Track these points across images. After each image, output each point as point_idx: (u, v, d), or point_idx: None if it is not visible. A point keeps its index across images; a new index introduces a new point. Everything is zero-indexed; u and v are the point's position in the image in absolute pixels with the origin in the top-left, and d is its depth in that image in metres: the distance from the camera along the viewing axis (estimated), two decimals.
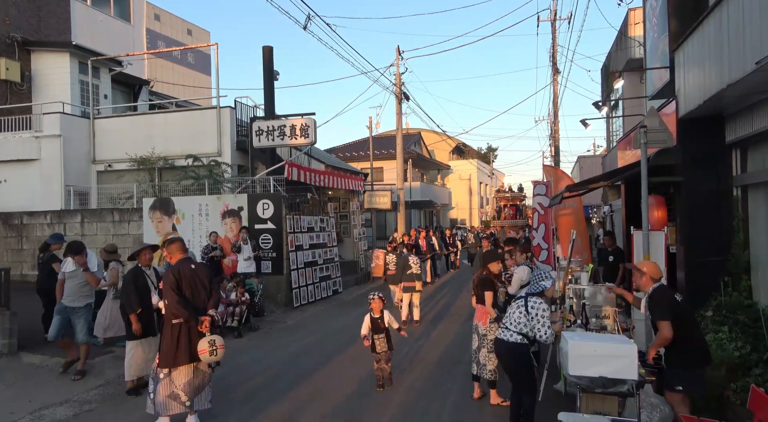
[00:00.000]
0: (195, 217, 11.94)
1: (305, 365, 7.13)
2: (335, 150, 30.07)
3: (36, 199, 13.92)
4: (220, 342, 4.81)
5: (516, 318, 4.75)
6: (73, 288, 6.50)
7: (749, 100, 5.57)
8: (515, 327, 4.73)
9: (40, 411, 5.50)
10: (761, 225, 5.97)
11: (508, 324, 4.79)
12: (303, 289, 12.00)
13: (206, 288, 4.97)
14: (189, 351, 4.75)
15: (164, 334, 4.84)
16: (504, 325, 4.83)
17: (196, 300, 4.88)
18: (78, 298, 6.53)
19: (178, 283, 4.79)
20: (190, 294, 4.85)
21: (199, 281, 4.93)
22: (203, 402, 4.93)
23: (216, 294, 5.10)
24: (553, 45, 21.58)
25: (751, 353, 4.92)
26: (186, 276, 4.86)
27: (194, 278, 4.91)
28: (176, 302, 4.72)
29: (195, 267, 5.02)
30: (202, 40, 27.26)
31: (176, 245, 5.09)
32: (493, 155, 54.27)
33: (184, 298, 4.78)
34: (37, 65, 15.91)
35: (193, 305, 4.83)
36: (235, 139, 14.21)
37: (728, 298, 5.94)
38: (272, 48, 13.58)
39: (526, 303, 4.75)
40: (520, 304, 4.79)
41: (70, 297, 6.49)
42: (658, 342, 4.35)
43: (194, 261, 5.20)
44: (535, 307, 4.67)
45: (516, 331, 4.71)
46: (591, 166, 19.30)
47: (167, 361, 4.75)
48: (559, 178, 12.50)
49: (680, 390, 4.30)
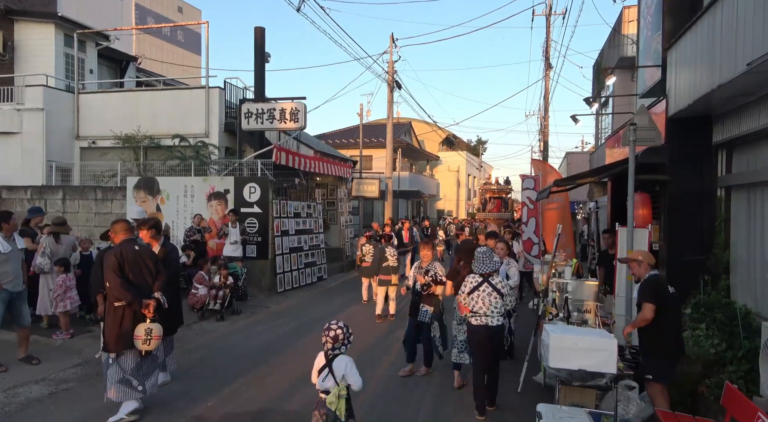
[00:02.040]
0: (180, 198, 11.79)
1: (287, 350, 7.12)
2: (325, 136, 29.84)
3: (16, 173, 13.59)
4: (156, 331, 4.69)
5: (492, 302, 4.96)
6: (17, 269, 6.00)
7: (738, 102, 5.62)
8: (497, 311, 4.97)
9: (14, 389, 5.42)
10: (742, 226, 6.06)
11: (488, 311, 4.95)
12: (287, 275, 11.96)
13: (151, 270, 4.83)
14: (133, 335, 4.65)
15: (107, 318, 4.68)
16: (482, 314, 4.96)
17: (139, 282, 4.75)
18: (21, 281, 6.06)
19: (120, 265, 4.65)
20: (133, 277, 4.71)
21: (143, 263, 4.80)
22: (154, 386, 4.83)
23: (162, 277, 4.91)
24: (547, 40, 21.56)
25: (727, 350, 5.01)
26: (129, 258, 4.72)
27: (138, 260, 4.78)
28: (119, 285, 4.58)
29: (139, 248, 4.86)
30: (193, 17, 26.75)
31: (121, 225, 4.96)
32: (483, 148, 54.43)
33: (127, 280, 4.65)
34: (21, 36, 15.45)
35: (138, 288, 4.70)
36: (223, 120, 14.01)
37: (707, 297, 6.04)
38: (264, 29, 13.35)
39: (491, 285, 4.99)
40: (487, 289, 4.99)
41: (16, 280, 5.96)
42: (637, 320, 4.53)
43: (139, 243, 4.99)
44: (500, 284, 5.04)
45: (498, 314, 4.98)
46: (579, 163, 19.45)
47: (111, 346, 4.62)
48: (547, 172, 12.56)
49: (649, 378, 4.43)
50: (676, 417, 4.14)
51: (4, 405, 5.01)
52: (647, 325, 4.42)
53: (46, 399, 5.18)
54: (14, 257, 5.98)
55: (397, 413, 5.12)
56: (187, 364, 6.29)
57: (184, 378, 5.82)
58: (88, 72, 16.13)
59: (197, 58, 27.10)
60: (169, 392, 5.41)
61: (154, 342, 4.71)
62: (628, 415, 4.45)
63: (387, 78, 18.76)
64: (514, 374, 5.80)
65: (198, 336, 7.78)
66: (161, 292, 4.83)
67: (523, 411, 5.01)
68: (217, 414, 4.92)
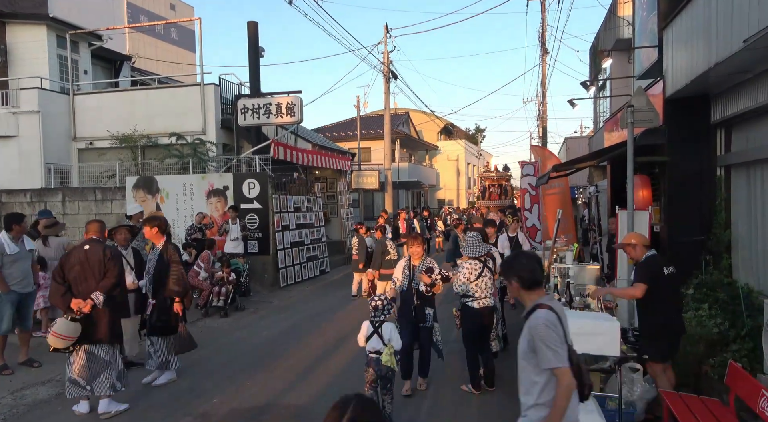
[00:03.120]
0: (179, 197, 11.78)
1: (293, 344, 7.15)
2: (323, 129, 29.76)
3: (15, 176, 13.58)
4: (56, 329, 4.56)
5: (488, 283, 5.22)
6: (26, 270, 6.04)
7: (735, 79, 5.57)
8: (492, 291, 5.24)
9: (21, 391, 5.45)
10: (743, 205, 6.03)
11: (488, 293, 5.19)
12: (290, 269, 11.97)
13: (95, 273, 4.72)
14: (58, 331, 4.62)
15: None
16: (482, 297, 5.17)
17: (80, 285, 4.70)
18: (30, 282, 6.11)
19: (62, 269, 4.73)
20: (73, 278, 4.70)
21: (88, 266, 4.72)
22: (103, 388, 4.72)
23: (110, 279, 4.76)
24: (543, 24, 21.41)
25: (729, 329, 5.02)
26: (71, 262, 4.73)
27: (84, 262, 4.72)
28: (53, 291, 4.74)
29: (88, 248, 4.78)
30: (186, 14, 26.56)
31: (92, 225, 5.02)
32: (481, 136, 54.21)
33: (65, 286, 4.67)
34: (13, 38, 15.36)
35: (79, 290, 4.68)
36: (219, 117, 13.96)
37: (709, 277, 6.03)
38: (257, 23, 13.27)
39: (489, 269, 5.22)
40: (487, 274, 5.21)
41: (25, 281, 6.00)
42: (625, 292, 4.75)
43: (94, 243, 4.85)
44: (495, 266, 5.26)
45: (491, 295, 5.23)
46: (578, 147, 19.37)
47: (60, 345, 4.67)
48: (546, 157, 12.53)
49: (646, 358, 4.46)
50: (680, 397, 4.15)
51: (12, 407, 5.04)
52: (644, 306, 4.44)
53: (53, 400, 5.21)
54: (23, 258, 6.02)
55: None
56: (193, 361, 6.31)
57: (190, 375, 5.85)
58: (83, 73, 16.05)
59: (192, 55, 26.93)
60: (174, 389, 5.44)
61: (50, 337, 4.56)
62: (633, 397, 4.46)
63: (383, 69, 18.66)
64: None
65: (202, 333, 7.80)
66: (102, 293, 4.68)
67: None
68: (224, 410, 4.95)
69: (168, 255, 5.40)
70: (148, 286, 5.56)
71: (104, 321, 4.73)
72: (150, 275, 5.51)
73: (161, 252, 5.46)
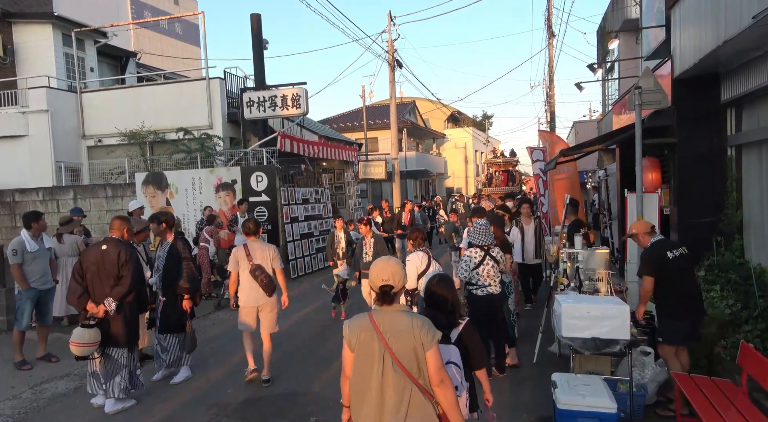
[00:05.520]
0: (189, 191, 11.87)
1: (304, 334, 7.22)
2: (329, 121, 29.72)
3: (26, 175, 13.76)
4: (73, 338, 4.54)
5: (494, 273, 5.19)
6: (45, 267, 6.15)
7: (745, 57, 5.47)
8: (498, 279, 5.23)
9: (41, 385, 5.57)
10: (754, 185, 5.95)
11: (492, 281, 5.17)
12: (299, 261, 12.05)
13: (109, 276, 4.67)
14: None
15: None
16: (486, 285, 5.15)
17: (95, 287, 4.69)
18: (49, 278, 6.23)
19: (81, 266, 4.72)
20: (90, 279, 4.68)
21: (103, 268, 4.68)
22: (115, 390, 4.75)
23: (123, 287, 4.69)
24: (549, 7, 21.12)
25: (742, 310, 4.98)
26: (89, 261, 4.70)
27: (99, 264, 4.68)
28: (71, 290, 4.74)
29: (105, 249, 4.72)
30: (190, 9, 26.49)
31: (114, 222, 4.94)
32: (489, 122, 53.79)
33: (82, 286, 4.67)
34: (19, 38, 15.48)
35: (94, 292, 4.68)
36: (225, 110, 13.99)
37: (720, 258, 5.98)
38: (260, 15, 13.24)
39: (492, 257, 5.19)
40: (489, 262, 5.17)
41: (44, 278, 6.12)
42: (641, 297, 4.57)
43: (111, 244, 4.77)
44: (498, 254, 5.28)
45: (499, 282, 5.23)
46: (587, 131, 19.14)
47: None
48: (554, 142, 12.41)
49: (659, 340, 4.43)
50: (692, 378, 4.14)
51: (32, 401, 5.16)
52: (657, 292, 4.41)
53: (72, 394, 5.32)
54: (42, 256, 6.15)
55: None
56: (206, 354, 6.40)
57: (204, 367, 5.93)
58: (89, 70, 16.15)
59: (197, 49, 26.89)
60: (188, 380, 5.52)
61: (81, 348, 4.53)
62: (644, 380, 4.46)
63: (387, 58, 18.55)
64: (530, 346, 5.83)
65: (215, 325, 7.91)
66: (115, 300, 4.66)
67: (538, 381, 5.04)
68: (237, 400, 5.02)
69: (178, 251, 5.38)
70: (158, 283, 5.51)
71: (120, 324, 4.74)
72: (160, 272, 5.46)
73: (172, 247, 5.42)
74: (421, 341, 2.39)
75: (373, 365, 2.44)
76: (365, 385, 2.46)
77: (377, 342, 2.43)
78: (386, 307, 2.51)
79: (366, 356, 2.46)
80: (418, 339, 2.40)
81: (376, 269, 2.53)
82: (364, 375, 2.47)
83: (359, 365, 2.49)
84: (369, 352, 2.45)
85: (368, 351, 2.46)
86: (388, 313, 2.49)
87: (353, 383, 2.53)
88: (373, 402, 2.44)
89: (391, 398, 2.42)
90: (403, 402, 2.41)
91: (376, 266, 2.54)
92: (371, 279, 2.57)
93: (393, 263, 2.56)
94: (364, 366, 2.47)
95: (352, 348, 2.51)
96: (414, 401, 2.42)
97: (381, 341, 2.43)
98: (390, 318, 2.47)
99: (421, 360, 2.41)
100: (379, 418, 2.43)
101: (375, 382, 2.43)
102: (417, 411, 2.41)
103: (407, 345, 2.40)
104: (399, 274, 2.53)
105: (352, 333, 2.52)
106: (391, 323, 2.45)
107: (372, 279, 2.55)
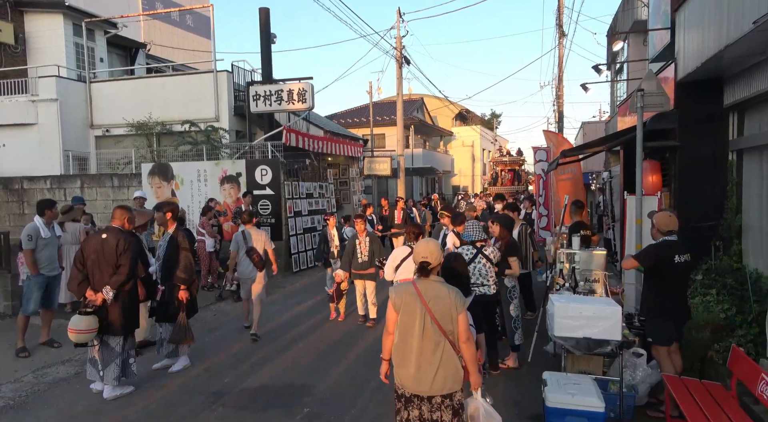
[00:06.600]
0: (194, 183, 11.96)
1: (303, 328, 7.29)
2: (336, 116, 29.74)
3: (35, 163, 13.92)
4: (70, 325, 4.63)
5: (487, 272, 5.13)
6: (54, 254, 6.29)
7: (748, 62, 5.46)
8: (492, 279, 5.17)
9: (42, 369, 5.68)
10: (755, 190, 5.95)
11: (484, 281, 5.12)
12: (302, 255, 12.12)
13: (108, 265, 4.73)
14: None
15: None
16: (479, 284, 5.10)
17: (95, 275, 4.75)
18: (56, 265, 6.34)
19: (82, 254, 4.80)
20: (90, 267, 4.75)
21: (102, 256, 4.74)
22: (110, 377, 4.81)
23: (121, 276, 4.74)
24: (560, 6, 21.00)
25: (736, 315, 5.00)
26: (89, 249, 4.77)
27: (99, 252, 4.74)
28: (72, 276, 4.82)
29: (105, 238, 4.78)
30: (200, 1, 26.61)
31: (116, 211, 5.01)
32: (497, 121, 53.57)
33: (83, 273, 4.75)
34: (31, 27, 15.63)
35: (94, 280, 4.75)
36: (232, 104, 14.06)
37: (718, 262, 5.99)
38: (269, 9, 13.27)
39: (485, 256, 5.15)
40: (481, 260, 5.13)
41: (51, 265, 6.23)
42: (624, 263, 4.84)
43: (111, 233, 4.83)
44: (492, 254, 5.21)
45: (493, 283, 5.17)
46: (595, 132, 19.04)
47: None
48: (559, 143, 12.39)
49: (649, 341, 4.51)
50: (683, 381, 4.17)
51: (33, 385, 5.27)
52: (646, 290, 4.45)
53: (72, 379, 5.43)
54: (52, 243, 6.28)
55: None
56: (207, 344, 6.50)
57: (203, 357, 6.02)
58: (99, 61, 16.28)
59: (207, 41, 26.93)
60: (187, 369, 5.61)
61: (79, 335, 4.61)
62: (635, 380, 4.50)
63: (395, 54, 18.55)
64: (525, 345, 5.87)
65: (216, 316, 8.00)
66: (113, 288, 4.72)
67: (531, 379, 5.08)
68: (236, 389, 5.10)
69: (179, 242, 5.45)
70: (158, 272, 5.61)
71: (117, 312, 4.80)
72: (160, 261, 5.56)
73: (172, 237, 5.51)
74: (455, 305, 3.00)
75: (415, 322, 3.03)
76: (408, 338, 3.06)
77: (419, 305, 3.02)
78: (425, 278, 3.10)
79: (409, 314, 3.05)
80: (453, 304, 3.01)
81: (419, 248, 3.14)
82: (407, 331, 3.06)
83: (403, 322, 3.09)
84: (412, 312, 3.04)
85: (411, 311, 3.04)
86: (428, 282, 3.09)
87: (398, 336, 3.11)
88: (414, 351, 3.03)
89: (429, 349, 3.02)
90: (437, 352, 3.01)
91: (419, 246, 3.16)
92: (415, 255, 3.16)
93: (432, 244, 3.15)
94: (408, 323, 3.07)
95: (397, 309, 3.10)
96: (446, 352, 3.02)
97: (423, 304, 3.01)
98: (430, 286, 3.07)
99: (454, 320, 3.01)
100: (418, 365, 3.02)
101: (416, 336, 3.03)
102: (448, 361, 3.02)
103: (444, 308, 3.00)
104: (436, 254, 3.11)
105: (398, 296, 3.10)
106: (432, 290, 3.05)
107: (414, 256, 3.17)
